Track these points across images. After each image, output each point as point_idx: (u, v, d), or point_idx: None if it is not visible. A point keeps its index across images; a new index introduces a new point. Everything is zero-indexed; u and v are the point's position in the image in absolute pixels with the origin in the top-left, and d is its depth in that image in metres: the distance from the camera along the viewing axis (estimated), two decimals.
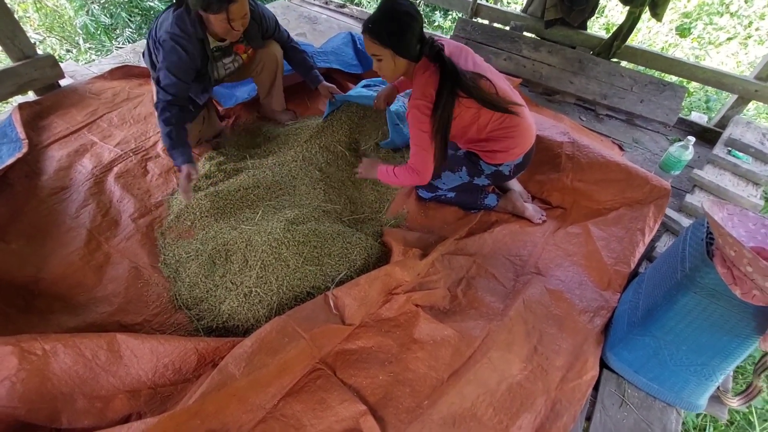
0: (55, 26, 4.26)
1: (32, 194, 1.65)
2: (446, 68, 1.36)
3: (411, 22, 1.36)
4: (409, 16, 1.36)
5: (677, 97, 2.32)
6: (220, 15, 1.52)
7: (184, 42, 1.56)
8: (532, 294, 1.51)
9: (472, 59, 1.49)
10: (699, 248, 1.13)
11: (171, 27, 1.54)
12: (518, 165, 1.64)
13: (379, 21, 1.38)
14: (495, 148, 1.57)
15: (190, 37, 1.56)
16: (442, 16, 4.77)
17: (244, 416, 1.13)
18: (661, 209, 1.68)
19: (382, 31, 1.38)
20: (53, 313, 1.34)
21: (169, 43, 1.55)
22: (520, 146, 1.57)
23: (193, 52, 1.59)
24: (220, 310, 1.38)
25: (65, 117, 1.98)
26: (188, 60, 1.59)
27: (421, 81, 1.41)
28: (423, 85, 1.40)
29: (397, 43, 1.38)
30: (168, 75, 1.58)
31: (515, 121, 1.51)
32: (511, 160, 1.60)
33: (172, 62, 1.57)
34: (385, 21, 1.37)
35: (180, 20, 1.54)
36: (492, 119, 1.50)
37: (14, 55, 1.99)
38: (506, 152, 1.58)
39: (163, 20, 1.60)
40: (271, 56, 1.97)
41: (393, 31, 1.37)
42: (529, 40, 2.59)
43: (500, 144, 1.56)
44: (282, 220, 1.54)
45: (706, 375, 1.22)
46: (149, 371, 1.15)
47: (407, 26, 1.36)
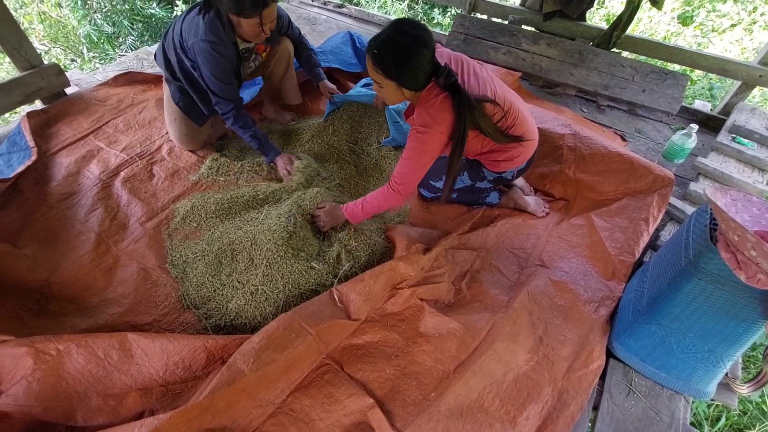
0: (60, 36, 4.32)
1: (42, 200, 1.68)
2: (462, 100, 1.26)
3: (421, 52, 1.22)
4: (419, 46, 1.21)
5: (679, 86, 2.31)
6: (254, 19, 1.54)
7: (221, 48, 1.59)
8: (536, 286, 1.51)
9: (473, 71, 1.40)
10: (703, 234, 1.13)
11: (206, 34, 1.55)
12: (521, 170, 1.64)
13: (385, 48, 1.22)
14: (499, 158, 1.56)
15: (225, 42, 1.59)
16: (441, 13, 4.76)
17: (254, 411, 1.15)
18: (664, 198, 1.68)
19: (387, 62, 1.23)
20: (66, 316, 1.37)
21: (207, 51, 1.57)
22: (524, 154, 1.57)
23: (229, 56, 1.63)
24: (227, 309, 1.40)
25: (72, 124, 2.01)
26: (228, 63, 1.64)
27: (433, 105, 1.29)
28: (437, 111, 1.29)
29: (404, 77, 1.26)
30: (216, 82, 1.64)
31: (520, 130, 1.48)
32: (514, 168, 1.60)
33: (216, 68, 1.62)
34: (392, 49, 1.22)
35: (213, 26, 1.56)
36: None
37: (21, 65, 2.03)
38: (510, 161, 1.56)
39: (190, 25, 1.60)
40: (283, 52, 2.01)
41: (400, 64, 1.23)
42: (528, 33, 2.58)
43: (504, 154, 1.54)
44: (286, 219, 1.55)
45: (713, 361, 1.22)
46: (160, 369, 1.17)
47: (417, 58, 1.22)
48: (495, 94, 1.39)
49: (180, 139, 1.91)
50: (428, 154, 1.37)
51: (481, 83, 1.38)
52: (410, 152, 1.38)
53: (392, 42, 1.22)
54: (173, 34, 1.69)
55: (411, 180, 1.42)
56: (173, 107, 1.84)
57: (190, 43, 1.61)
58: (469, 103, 1.26)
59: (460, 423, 1.15)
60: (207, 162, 1.91)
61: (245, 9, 1.51)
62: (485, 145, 1.51)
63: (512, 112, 1.43)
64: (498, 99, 1.39)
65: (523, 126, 1.49)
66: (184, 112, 1.84)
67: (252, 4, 1.50)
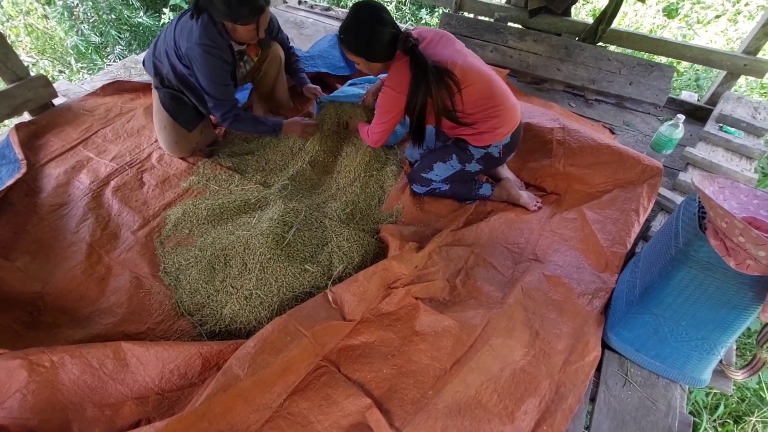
0: (47, 48, 4.30)
1: (33, 212, 1.67)
2: (417, 61, 1.40)
3: (378, 28, 1.40)
4: (376, 23, 1.40)
5: (666, 77, 2.33)
6: (250, 25, 1.58)
7: (218, 51, 1.62)
8: (530, 281, 1.52)
9: (451, 44, 1.52)
10: (692, 223, 1.14)
11: (200, 38, 1.57)
12: (507, 146, 1.64)
13: (348, 30, 1.44)
14: (481, 129, 1.58)
15: (221, 45, 1.62)
16: (429, 13, 4.78)
17: (251, 416, 1.15)
18: (654, 188, 1.69)
19: (351, 41, 1.46)
20: (59, 327, 1.36)
21: (203, 55, 1.60)
22: (506, 125, 1.58)
23: (225, 59, 1.66)
24: (222, 315, 1.40)
25: (61, 135, 2.00)
26: (225, 66, 1.67)
27: (395, 71, 1.48)
28: (397, 74, 1.47)
29: (368, 51, 1.46)
30: (212, 85, 1.67)
31: (498, 99, 1.53)
32: (499, 141, 1.61)
33: (213, 71, 1.65)
34: (353, 31, 1.44)
35: (208, 30, 1.58)
36: (473, 99, 1.51)
37: (8, 77, 2.02)
38: (492, 132, 1.58)
39: (183, 30, 1.62)
40: (274, 57, 2.04)
41: (362, 41, 1.44)
42: (515, 30, 2.60)
43: (486, 124, 1.57)
44: (279, 223, 1.55)
45: (707, 349, 1.23)
46: (156, 377, 1.17)
47: (375, 34, 1.41)
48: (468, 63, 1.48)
49: (170, 146, 1.91)
50: (389, 111, 1.55)
51: (455, 54, 1.48)
52: (378, 107, 1.59)
53: (352, 23, 1.43)
54: (165, 41, 1.70)
55: (377, 130, 1.65)
56: (163, 114, 1.84)
57: (184, 48, 1.61)
58: (424, 64, 1.39)
59: (458, 420, 1.15)
60: (197, 168, 1.90)
61: (242, 17, 1.54)
62: (465, 115, 1.55)
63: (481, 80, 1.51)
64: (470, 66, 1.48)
65: (500, 98, 1.54)
66: (174, 118, 1.84)
67: (249, 12, 1.53)
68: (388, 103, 1.53)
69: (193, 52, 1.60)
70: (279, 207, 1.63)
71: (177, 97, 1.82)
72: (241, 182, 1.84)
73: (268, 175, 1.92)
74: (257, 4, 1.53)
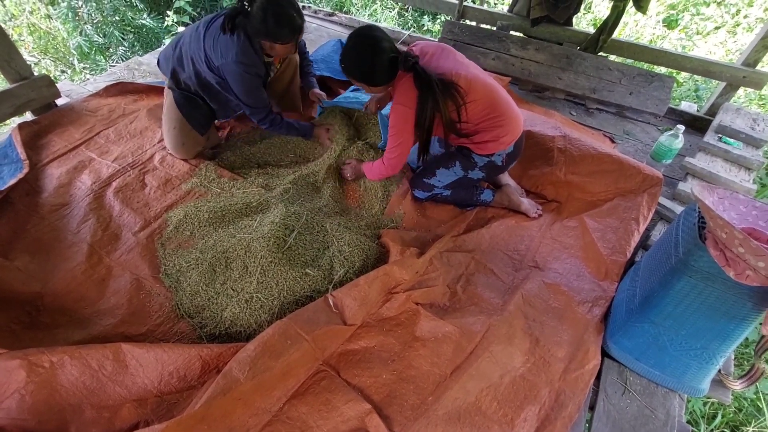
0: (50, 48, 4.31)
1: (33, 211, 1.67)
2: (420, 76, 1.42)
3: (376, 56, 1.43)
4: (373, 52, 1.43)
5: (666, 88, 2.35)
6: (289, 44, 1.65)
7: (254, 69, 1.69)
8: (530, 288, 1.53)
9: (452, 57, 1.54)
10: (692, 232, 1.15)
11: (239, 56, 1.61)
12: (510, 154, 1.66)
13: (347, 60, 1.49)
14: (485, 138, 1.60)
15: (257, 63, 1.69)
16: (431, 21, 4.82)
17: (250, 420, 1.14)
18: (654, 198, 1.70)
19: (352, 69, 1.51)
20: (58, 328, 1.35)
21: (242, 74, 1.66)
22: (510, 134, 1.60)
23: (260, 74, 1.75)
24: (222, 317, 1.40)
25: (63, 135, 2.01)
26: (259, 80, 1.76)
27: (402, 88, 1.49)
28: (405, 91, 1.48)
29: (369, 78, 1.50)
30: (248, 96, 1.76)
31: (502, 109, 1.55)
32: (502, 149, 1.63)
33: (251, 86, 1.72)
34: (353, 61, 1.48)
35: (246, 50, 1.63)
36: (477, 110, 1.53)
37: (11, 77, 2.02)
38: (496, 141, 1.60)
39: (217, 44, 1.64)
40: (292, 61, 2.08)
41: (362, 70, 1.49)
42: (517, 38, 2.62)
43: (490, 134, 1.59)
44: (280, 226, 1.55)
45: (706, 358, 1.23)
46: (155, 379, 1.16)
47: (373, 61, 1.44)
48: (470, 74, 1.50)
49: (176, 147, 1.91)
50: (404, 129, 1.54)
51: (456, 65, 1.51)
52: (392, 128, 1.57)
53: (350, 53, 1.48)
54: (191, 47, 1.72)
55: (397, 154, 1.61)
56: (176, 114, 1.83)
57: (218, 63, 1.66)
58: (428, 78, 1.41)
59: (458, 426, 1.15)
60: (199, 171, 1.91)
61: (282, 37, 1.59)
62: (469, 126, 1.57)
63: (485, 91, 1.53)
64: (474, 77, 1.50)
65: (503, 107, 1.56)
66: (187, 119, 1.83)
67: (289, 33, 1.59)
68: (400, 119, 1.53)
69: (229, 69, 1.65)
70: (281, 210, 1.63)
71: (192, 100, 1.83)
72: (243, 185, 1.85)
73: (269, 178, 1.92)
74: (296, 24, 1.58)
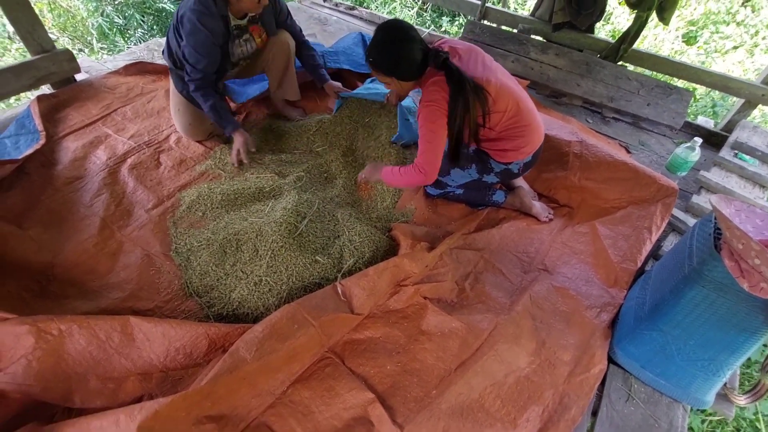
0: (68, 26, 4.33)
1: (48, 183, 1.68)
2: (453, 75, 1.36)
3: (407, 47, 1.37)
4: (404, 42, 1.37)
5: (684, 101, 2.34)
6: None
7: (207, 19, 1.56)
8: (538, 290, 1.52)
9: (481, 60, 1.49)
10: (707, 242, 1.14)
11: (194, 4, 1.54)
12: (527, 163, 1.65)
13: (377, 52, 1.41)
14: (506, 147, 1.58)
15: (213, 14, 1.57)
16: (449, 21, 4.81)
17: (254, 401, 1.14)
18: (668, 208, 1.69)
19: (381, 63, 1.43)
20: (67, 298, 1.36)
21: (192, 21, 1.55)
22: (531, 144, 1.59)
23: (215, 29, 1.60)
24: (230, 298, 1.40)
25: (81, 110, 2.02)
26: (211, 37, 1.61)
27: (432, 87, 1.42)
28: (434, 91, 1.41)
29: (398, 71, 1.43)
30: (193, 53, 1.62)
31: (526, 120, 1.52)
32: (521, 159, 1.62)
33: (198, 40, 1.59)
34: (383, 52, 1.41)
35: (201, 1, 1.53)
36: (503, 119, 1.50)
37: (33, 48, 2.03)
38: (517, 151, 1.59)
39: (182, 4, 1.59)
40: (283, 44, 1.97)
41: (392, 62, 1.41)
42: (537, 42, 2.62)
43: (511, 143, 1.57)
44: (292, 213, 1.56)
45: (713, 370, 1.23)
46: (161, 355, 1.17)
47: (405, 53, 1.38)
48: (500, 81, 1.46)
49: (185, 128, 1.92)
50: (436, 130, 1.44)
51: (486, 70, 1.45)
52: (423, 128, 1.46)
53: (381, 45, 1.40)
54: (174, 19, 1.67)
55: (431, 160, 1.47)
56: (177, 97, 1.85)
57: (180, 14, 1.57)
58: (461, 77, 1.35)
59: (460, 422, 1.15)
60: (214, 153, 1.91)
61: None
62: (491, 130, 1.53)
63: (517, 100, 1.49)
64: (503, 85, 1.46)
65: (527, 118, 1.53)
66: (189, 100, 1.84)
67: None
68: (431, 119, 1.42)
69: (184, 19, 1.56)
70: (293, 197, 1.63)
71: None
72: (257, 170, 1.85)
73: (283, 165, 1.92)
74: None
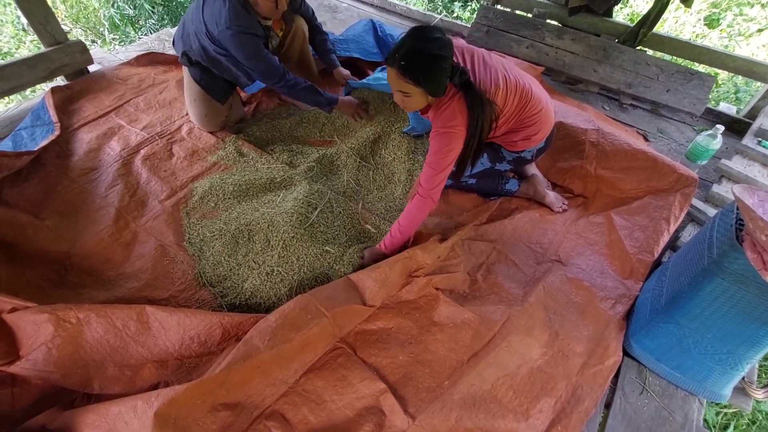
0: (81, 17, 4.35)
1: (64, 174, 1.70)
2: (475, 98, 1.29)
3: (445, 59, 1.24)
4: (443, 53, 1.23)
5: (705, 87, 2.26)
6: None
7: (249, 29, 1.59)
8: (552, 281, 1.50)
9: (482, 60, 1.40)
10: (728, 234, 1.11)
11: (229, 22, 1.54)
12: (540, 149, 1.63)
13: (413, 59, 1.23)
14: (515, 138, 1.56)
15: (250, 22, 1.60)
16: (462, 7, 4.71)
17: (268, 390, 1.16)
18: (687, 198, 1.65)
19: (416, 71, 1.24)
20: (84, 288, 1.39)
21: (236, 37, 1.57)
22: (542, 131, 1.56)
23: (258, 32, 1.64)
24: (242, 288, 1.41)
25: (94, 101, 2.03)
26: (258, 40, 1.65)
27: (450, 106, 1.32)
28: (453, 111, 1.31)
29: (431, 83, 1.27)
30: (252, 62, 1.64)
31: (535, 110, 1.49)
32: (533, 146, 1.59)
33: (250, 50, 1.62)
34: (420, 60, 1.23)
35: (236, 11, 1.56)
36: (511, 117, 1.47)
37: (46, 40, 2.05)
38: (528, 140, 1.56)
39: (212, 14, 1.59)
40: (298, 29, 2.01)
41: (428, 72, 1.24)
42: (553, 27, 2.55)
43: (521, 134, 1.54)
44: (304, 203, 1.56)
45: (731, 364, 1.20)
46: (176, 343, 1.19)
47: (442, 65, 1.24)
48: (507, 80, 1.40)
49: (200, 119, 1.92)
50: (453, 153, 1.35)
51: (492, 72, 1.39)
52: (434, 155, 1.36)
53: (419, 52, 1.23)
54: (193, 23, 1.68)
55: (438, 183, 1.38)
56: (194, 87, 1.85)
57: (216, 33, 1.60)
58: (482, 100, 1.29)
59: (473, 412, 1.15)
60: (226, 144, 1.92)
61: None
62: (500, 129, 1.51)
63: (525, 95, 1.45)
64: (510, 84, 1.41)
65: (536, 105, 1.49)
66: (207, 91, 1.84)
67: None
68: (448, 144, 1.33)
69: (224, 37, 1.58)
70: (304, 187, 1.63)
71: (208, 71, 1.82)
72: (268, 161, 1.85)
73: (294, 155, 1.92)
74: None
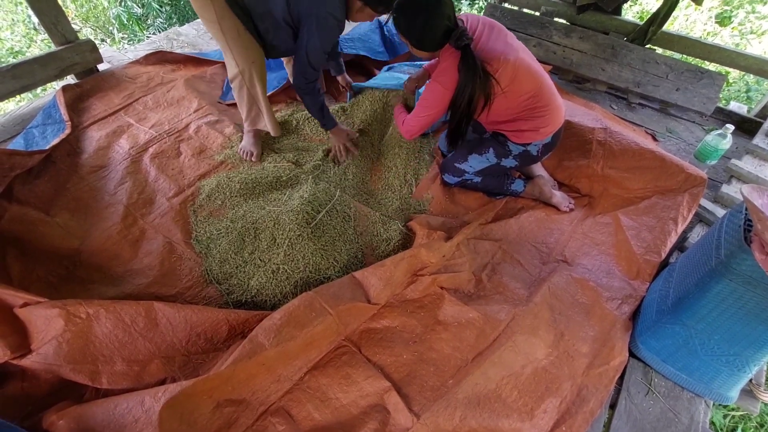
0: (90, 16, 4.40)
1: (74, 171, 1.73)
2: (468, 62, 1.32)
3: (435, 21, 1.31)
4: (433, 14, 1.30)
5: (715, 86, 2.23)
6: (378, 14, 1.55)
7: (340, 26, 1.56)
8: (557, 282, 1.50)
9: (503, 37, 1.42)
10: (736, 235, 1.10)
11: (334, 9, 1.49)
12: (546, 145, 1.60)
13: (403, 13, 1.34)
14: (523, 127, 1.55)
15: (343, 20, 1.57)
16: (469, 5, 4.69)
17: (273, 386, 1.17)
18: (695, 198, 1.63)
19: (403, 24, 1.36)
20: (93, 283, 1.41)
21: (329, 26, 1.52)
22: (551, 125, 1.54)
23: (340, 33, 1.61)
24: (249, 285, 1.43)
25: (103, 100, 2.06)
26: (336, 38, 1.64)
27: (445, 66, 1.39)
28: (447, 71, 1.38)
29: (417, 39, 1.37)
30: (320, 54, 1.58)
31: (545, 100, 1.48)
32: (540, 140, 1.58)
33: (327, 42, 1.57)
34: (409, 15, 1.33)
35: (341, 3, 1.51)
36: (521, 101, 1.47)
37: (57, 39, 2.07)
38: (535, 131, 1.55)
39: None
40: None
41: (415, 28, 1.34)
42: (560, 25, 2.53)
43: (529, 123, 1.53)
44: (309, 202, 1.56)
45: (738, 366, 1.19)
46: (183, 339, 1.20)
47: (430, 25, 1.31)
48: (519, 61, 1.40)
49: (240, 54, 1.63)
50: (432, 107, 1.48)
51: (501, 47, 1.39)
52: (421, 101, 1.50)
53: (409, 8, 1.33)
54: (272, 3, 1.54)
55: (415, 123, 1.57)
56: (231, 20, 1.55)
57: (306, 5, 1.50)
58: (475, 66, 1.31)
59: (477, 411, 1.15)
60: (233, 142, 1.93)
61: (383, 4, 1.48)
62: (509, 112, 1.51)
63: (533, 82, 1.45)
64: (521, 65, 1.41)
65: (547, 98, 1.49)
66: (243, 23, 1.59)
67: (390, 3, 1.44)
68: (433, 98, 1.45)
69: (319, 16, 1.50)
70: (310, 186, 1.64)
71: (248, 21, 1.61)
72: (275, 159, 1.86)
73: (300, 154, 1.93)
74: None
